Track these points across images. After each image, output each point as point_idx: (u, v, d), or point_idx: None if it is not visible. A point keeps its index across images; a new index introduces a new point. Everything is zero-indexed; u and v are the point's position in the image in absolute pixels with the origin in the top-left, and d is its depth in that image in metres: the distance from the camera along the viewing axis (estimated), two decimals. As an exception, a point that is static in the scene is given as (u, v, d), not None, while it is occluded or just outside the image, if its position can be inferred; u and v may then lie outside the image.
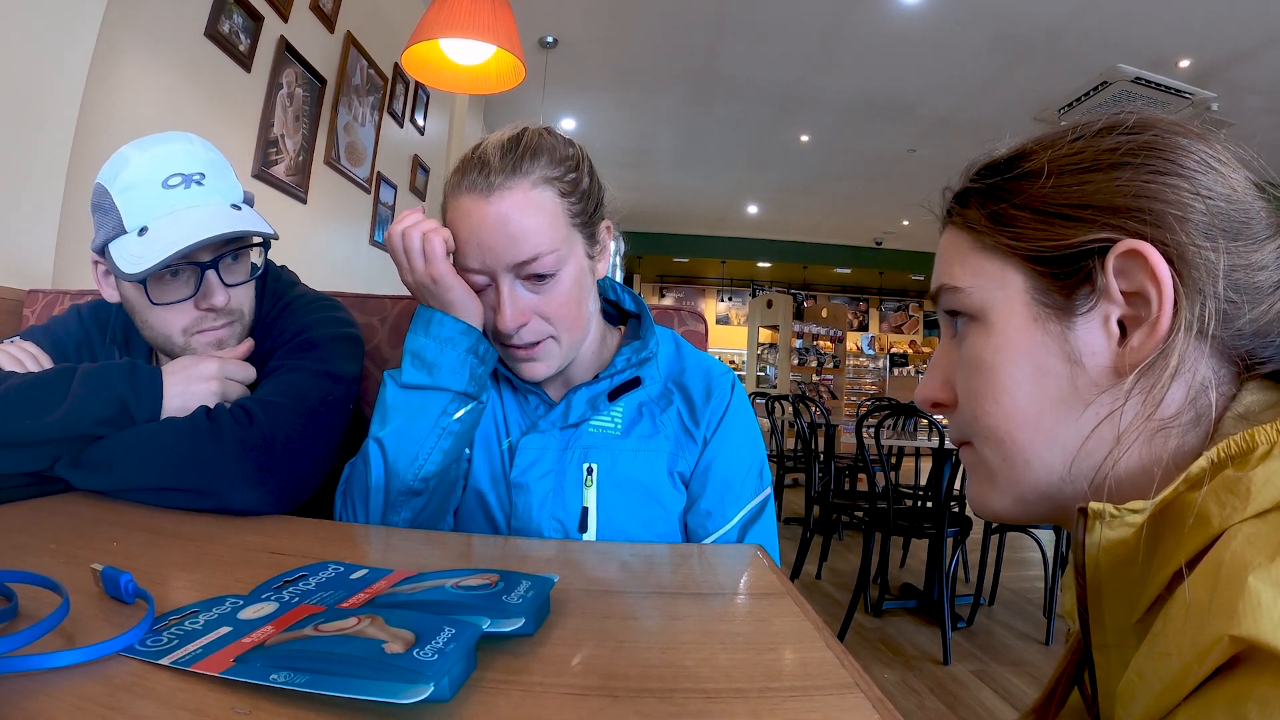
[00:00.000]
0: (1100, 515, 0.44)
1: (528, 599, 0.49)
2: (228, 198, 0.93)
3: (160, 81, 2.22)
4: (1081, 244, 0.47)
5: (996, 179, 0.52)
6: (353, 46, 3.56)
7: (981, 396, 0.51)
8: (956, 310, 0.54)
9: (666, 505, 0.91)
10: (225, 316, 0.94)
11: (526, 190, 0.82)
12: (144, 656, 0.42)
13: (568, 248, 0.85)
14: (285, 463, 0.83)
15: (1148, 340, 0.45)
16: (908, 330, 15.27)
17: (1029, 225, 0.49)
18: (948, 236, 0.56)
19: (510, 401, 0.96)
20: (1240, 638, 0.33)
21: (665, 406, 0.93)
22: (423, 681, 0.36)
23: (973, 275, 0.52)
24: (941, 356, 0.57)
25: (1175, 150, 0.46)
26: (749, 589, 0.66)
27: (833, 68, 5.66)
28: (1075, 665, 0.54)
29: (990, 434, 0.51)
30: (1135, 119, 0.49)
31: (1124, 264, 0.45)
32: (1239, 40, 4.68)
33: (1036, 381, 0.49)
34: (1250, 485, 0.39)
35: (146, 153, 0.89)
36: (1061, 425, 0.48)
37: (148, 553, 0.64)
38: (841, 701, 0.41)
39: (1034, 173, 0.50)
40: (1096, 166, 0.47)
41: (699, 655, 0.47)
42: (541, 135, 0.86)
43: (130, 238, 0.86)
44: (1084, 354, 0.47)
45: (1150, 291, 0.45)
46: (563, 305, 0.86)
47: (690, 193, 9.73)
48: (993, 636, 2.98)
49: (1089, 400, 0.47)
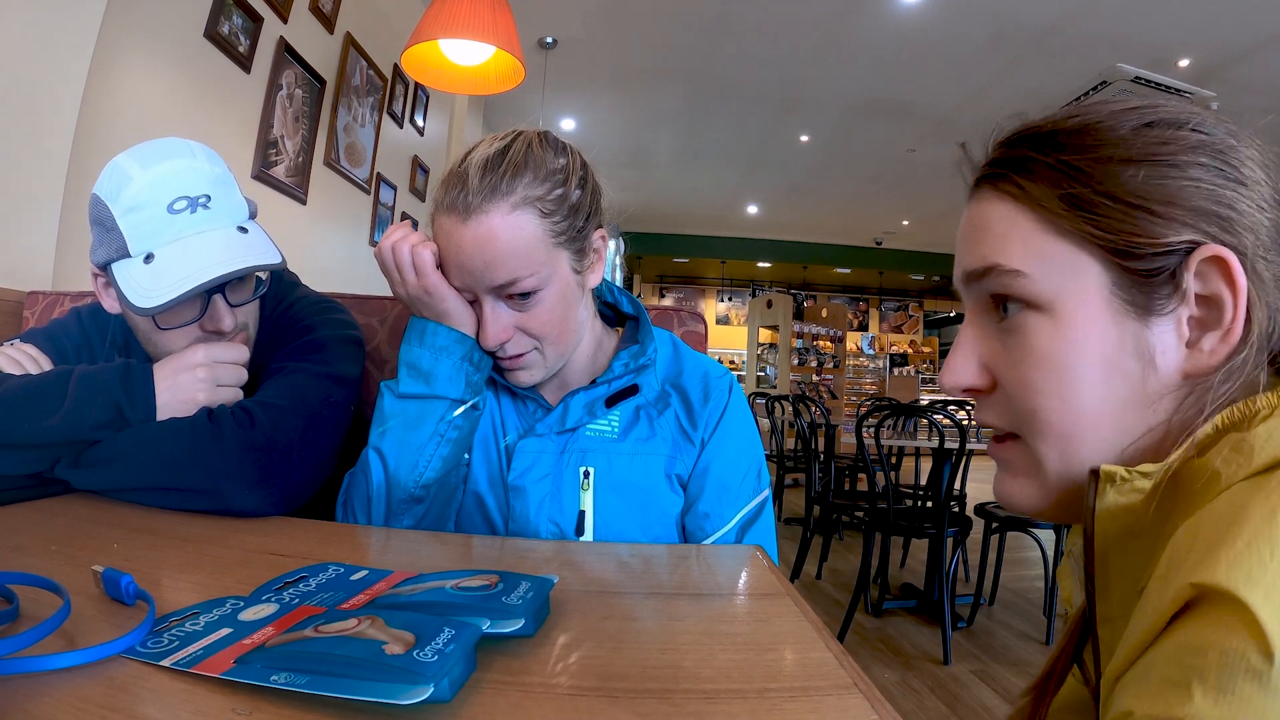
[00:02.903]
0: (1111, 478, 0.44)
1: (527, 600, 0.49)
2: (234, 219, 0.90)
3: (160, 83, 2.22)
4: (1172, 245, 0.45)
5: (1068, 156, 0.48)
6: (352, 47, 3.56)
7: (1044, 393, 0.49)
8: (1010, 295, 0.50)
9: (664, 508, 0.91)
10: (230, 335, 0.93)
11: (505, 214, 0.79)
12: (145, 658, 0.42)
13: (549, 268, 0.83)
14: (286, 464, 0.83)
15: (1220, 346, 0.45)
16: (908, 330, 15.27)
17: (1114, 215, 0.46)
18: (998, 208, 0.51)
19: (507, 403, 0.96)
20: (1196, 583, 0.34)
21: (663, 409, 0.93)
22: (423, 683, 0.36)
23: (1039, 259, 0.49)
24: (976, 339, 0.54)
25: (1243, 161, 0.46)
26: (748, 589, 0.66)
27: (832, 68, 5.67)
28: (1075, 643, 0.54)
29: (1051, 430, 0.49)
30: (1189, 114, 0.48)
31: (1204, 268, 0.45)
32: (1238, 40, 4.69)
33: (1107, 379, 0.47)
34: (1253, 443, 0.40)
35: (149, 171, 0.86)
36: (1123, 424, 0.47)
37: (148, 554, 0.65)
38: (840, 702, 0.42)
39: (1117, 159, 0.47)
40: (1174, 164, 0.46)
41: (698, 656, 0.48)
42: (530, 148, 0.83)
43: (135, 264, 0.84)
44: (1157, 354, 0.46)
45: (1226, 298, 0.45)
46: (546, 322, 0.85)
47: (690, 193, 9.73)
48: (993, 636, 2.98)
49: (1154, 401, 0.47)
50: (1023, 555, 4.12)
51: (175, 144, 0.90)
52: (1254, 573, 0.33)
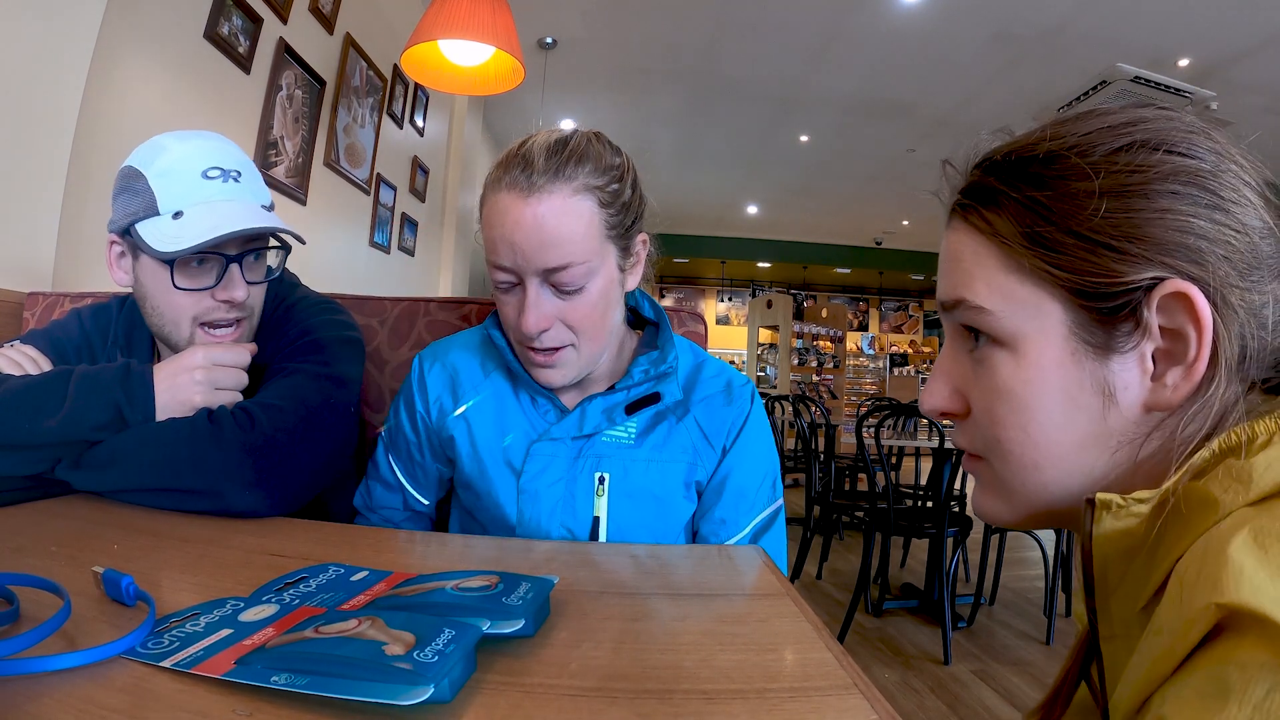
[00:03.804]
0: (1107, 505, 0.44)
1: (527, 600, 0.49)
2: (259, 198, 0.95)
3: (159, 85, 2.22)
4: (1132, 283, 0.45)
5: (1031, 189, 0.48)
6: (352, 48, 3.56)
7: (1006, 425, 0.50)
8: (979, 329, 0.51)
9: (677, 515, 0.91)
10: (237, 311, 0.95)
11: (567, 196, 0.80)
12: (145, 659, 0.42)
13: (599, 259, 0.84)
14: (286, 465, 0.83)
15: (1183, 382, 0.45)
16: (908, 330, 15.27)
17: (1074, 253, 0.46)
18: (967, 241, 0.51)
19: (511, 399, 0.94)
20: (1222, 604, 0.34)
21: (682, 416, 0.93)
22: (423, 683, 0.36)
23: (1003, 299, 0.49)
24: (951, 365, 0.55)
25: (1219, 177, 0.45)
26: (748, 590, 0.66)
27: (832, 68, 5.67)
28: (1082, 661, 0.55)
29: (1012, 459, 0.50)
30: (1168, 129, 0.46)
31: (1168, 303, 0.44)
32: (1238, 40, 4.69)
33: (1068, 415, 0.48)
34: (1252, 471, 0.39)
35: (187, 143, 0.91)
36: (1086, 457, 0.48)
37: (148, 555, 0.65)
38: (840, 703, 0.42)
39: (1083, 193, 0.46)
40: (1144, 193, 0.45)
41: (698, 656, 0.48)
42: (590, 141, 0.85)
43: (164, 219, 0.88)
44: (1118, 389, 0.46)
45: (1190, 333, 0.44)
46: (587, 315, 0.85)
47: (690, 193, 9.73)
48: (993, 636, 2.98)
49: (1115, 433, 0.47)
50: (1023, 555, 4.12)
51: (209, 132, 0.96)
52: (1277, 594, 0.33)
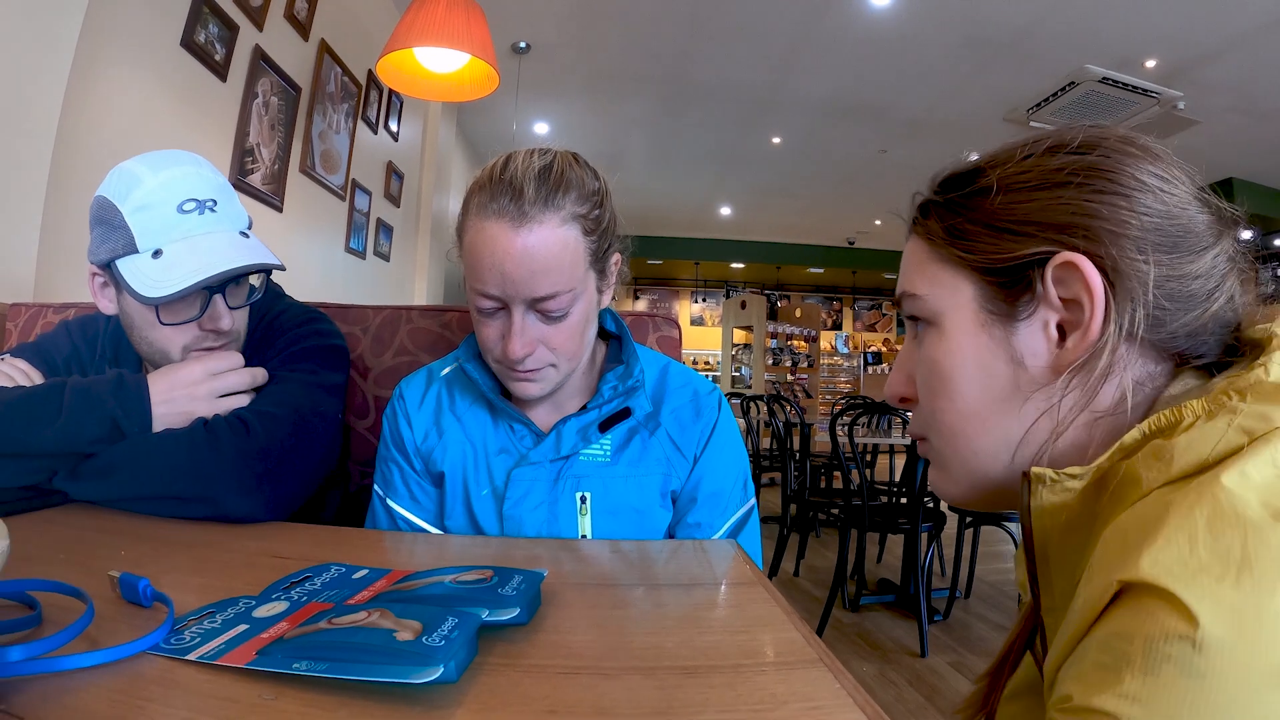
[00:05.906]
0: (1041, 479, 0.49)
1: (521, 591, 0.53)
2: (236, 224, 0.95)
3: (138, 93, 2.22)
4: (1024, 256, 0.52)
5: (954, 194, 0.57)
6: (327, 54, 3.56)
7: (936, 394, 0.57)
8: (917, 315, 0.59)
9: (656, 524, 0.94)
10: (225, 337, 0.96)
11: (555, 226, 0.81)
12: (170, 654, 0.45)
13: (583, 286, 0.86)
14: (281, 471, 0.86)
15: (1080, 343, 0.50)
16: (881, 328, 15.44)
17: (980, 239, 0.54)
18: (911, 245, 0.61)
19: (490, 430, 0.95)
20: (1122, 579, 0.38)
21: (654, 429, 0.95)
22: (433, 664, 0.40)
23: (929, 284, 0.57)
24: (906, 355, 0.62)
25: (1118, 170, 0.51)
26: (724, 579, 0.71)
27: (804, 70, 5.72)
28: (1028, 630, 0.59)
29: (943, 428, 0.57)
30: (1083, 137, 0.53)
31: (1062, 274, 0.50)
32: (1204, 41, 4.79)
33: (983, 381, 0.54)
34: (1173, 451, 0.44)
35: (159, 174, 0.89)
36: (1005, 419, 0.54)
37: (155, 560, 0.67)
38: (807, 674, 0.46)
39: (986, 190, 0.54)
40: (1042, 185, 0.52)
41: (679, 638, 0.52)
42: (571, 165, 0.86)
43: (144, 259, 0.87)
44: (1025, 355, 0.53)
45: (1084, 299, 0.50)
46: (568, 339, 0.87)
47: (663, 195, 9.75)
48: (969, 629, 3.03)
49: (1029, 396, 0.53)
50: (997, 549, 4.18)
51: (181, 154, 0.94)
52: (1174, 566, 0.37)
